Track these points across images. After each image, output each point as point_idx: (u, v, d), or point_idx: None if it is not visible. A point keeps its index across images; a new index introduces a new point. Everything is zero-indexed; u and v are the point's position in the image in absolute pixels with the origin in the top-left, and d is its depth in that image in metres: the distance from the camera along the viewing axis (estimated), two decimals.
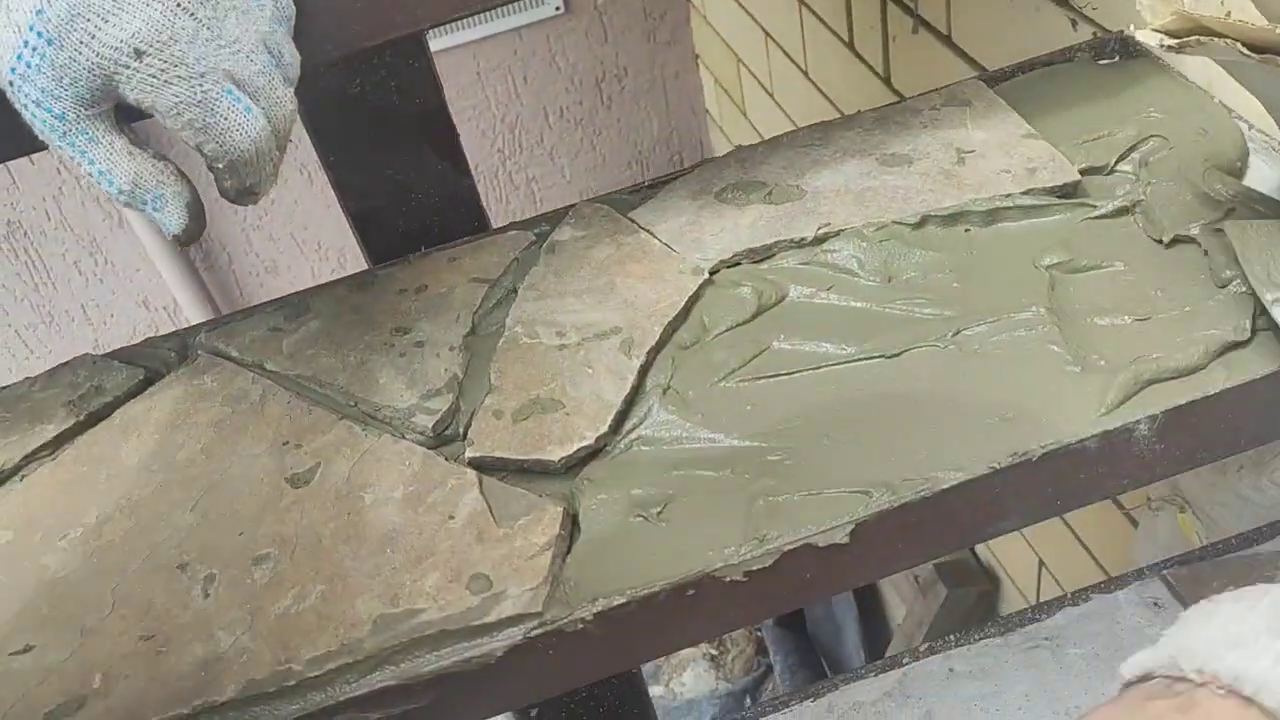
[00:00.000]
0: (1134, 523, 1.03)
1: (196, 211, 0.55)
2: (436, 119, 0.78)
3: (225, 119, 0.52)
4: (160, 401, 0.70)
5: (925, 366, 0.61)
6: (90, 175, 0.54)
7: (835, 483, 0.56)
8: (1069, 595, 0.78)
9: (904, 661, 0.77)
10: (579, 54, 2.19)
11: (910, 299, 0.65)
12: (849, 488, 0.56)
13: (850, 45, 1.36)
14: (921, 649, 0.77)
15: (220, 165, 0.53)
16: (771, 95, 1.80)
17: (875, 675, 0.77)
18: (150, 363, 0.74)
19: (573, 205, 0.77)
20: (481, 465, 0.61)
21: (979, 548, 1.51)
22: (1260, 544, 0.77)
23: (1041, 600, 0.82)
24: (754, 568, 0.54)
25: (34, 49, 0.48)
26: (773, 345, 0.65)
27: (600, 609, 0.54)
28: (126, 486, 0.65)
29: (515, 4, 2.07)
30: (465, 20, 2.06)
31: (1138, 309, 0.61)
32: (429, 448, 0.63)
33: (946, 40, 1.11)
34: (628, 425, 0.62)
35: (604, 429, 0.61)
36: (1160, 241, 0.65)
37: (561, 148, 2.30)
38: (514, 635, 0.53)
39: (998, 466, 0.55)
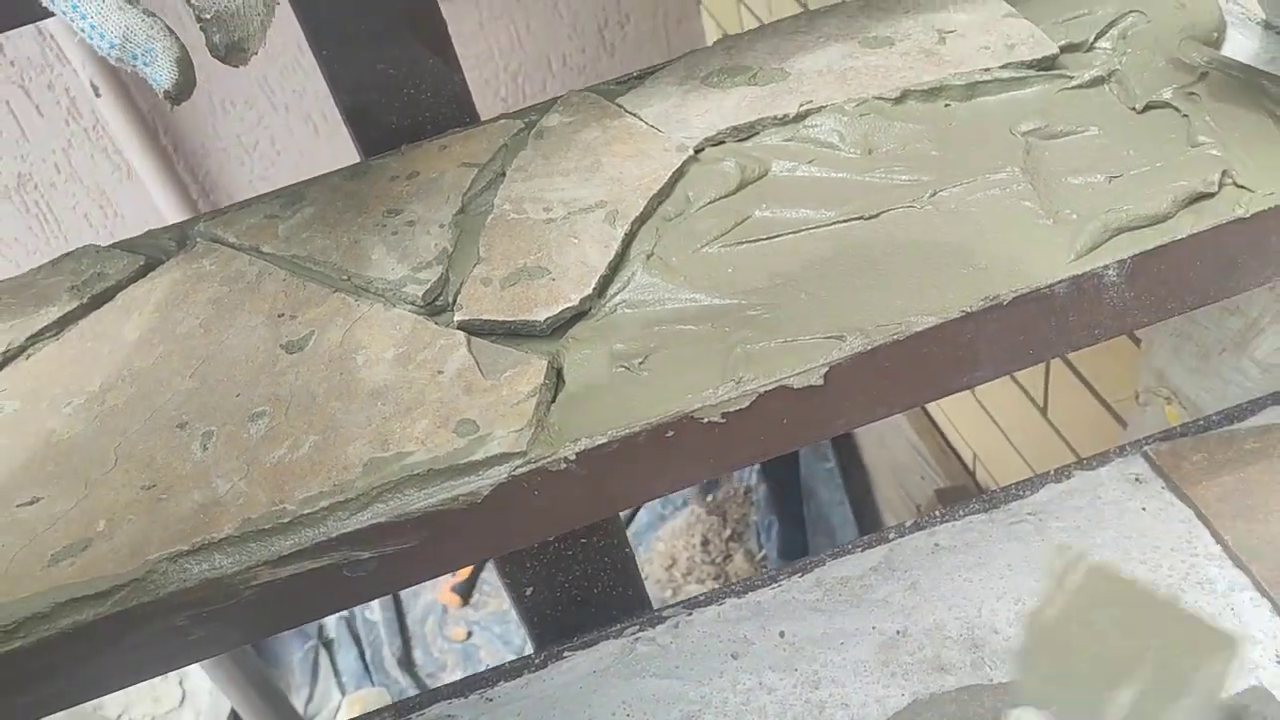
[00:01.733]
0: (1123, 424, 1.05)
1: (186, 67, 0.56)
2: (426, 14, 0.79)
3: None
4: (160, 284, 0.72)
5: (901, 226, 0.62)
6: (82, 31, 0.55)
7: (811, 331, 0.58)
8: (1052, 472, 0.79)
9: (890, 537, 0.79)
10: (581, 1, 2.20)
11: (889, 168, 0.66)
12: (824, 334, 0.57)
13: None
14: (907, 525, 0.79)
15: (208, 16, 0.55)
16: None
17: (862, 550, 0.78)
18: (151, 251, 0.76)
19: (561, 95, 0.79)
20: (470, 328, 0.63)
21: (978, 471, 1.52)
22: (1240, 420, 0.78)
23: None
24: (731, 409, 0.56)
25: None
26: (754, 214, 0.66)
27: (582, 448, 0.55)
28: (128, 358, 0.67)
29: None
30: None
31: (1110, 168, 0.62)
32: (420, 315, 0.65)
33: None
34: (612, 290, 0.64)
35: (588, 291, 0.63)
36: (1134, 108, 0.66)
37: None
38: (499, 474, 0.55)
39: (969, 310, 0.57)
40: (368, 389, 0.61)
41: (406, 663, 1.98)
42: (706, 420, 0.56)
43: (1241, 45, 0.69)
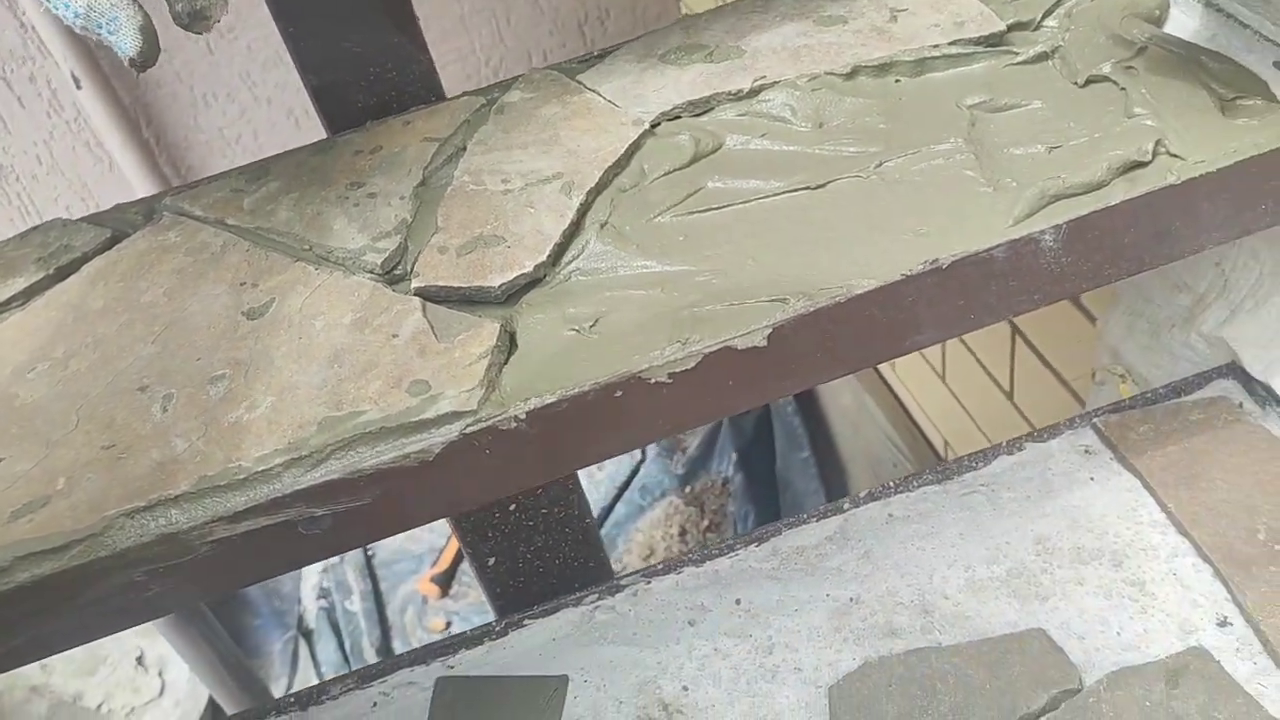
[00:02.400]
0: (1082, 403, 1.07)
1: (150, 36, 0.57)
2: None
3: None
4: (126, 255, 0.73)
5: (847, 195, 0.64)
6: (48, 1, 0.57)
7: (757, 295, 0.59)
8: (1004, 444, 0.81)
9: (845, 508, 0.80)
10: None
11: (838, 140, 0.68)
12: (768, 298, 0.59)
13: None
14: (862, 496, 0.81)
15: None
16: None
17: (818, 520, 0.80)
18: (118, 224, 0.77)
19: (523, 74, 0.80)
20: (426, 295, 0.64)
21: (949, 457, 1.54)
22: (1187, 394, 0.80)
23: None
24: (677, 369, 0.57)
25: None
26: (707, 185, 0.67)
27: (532, 407, 0.57)
28: (92, 326, 0.68)
29: None
30: None
31: (1050, 139, 0.64)
32: (378, 283, 0.66)
33: None
34: (566, 258, 0.65)
35: (543, 259, 0.64)
36: (1076, 83, 0.68)
37: None
38: (450, 432, 0.57)
39: (910, 273, 0.58)
40: (325, 353, 0.62)
41: (386, 653, 1.99)
42: (654, 380, 0.57)
43: (1183, 23, 0.71)
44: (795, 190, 0.65)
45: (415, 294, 0.64)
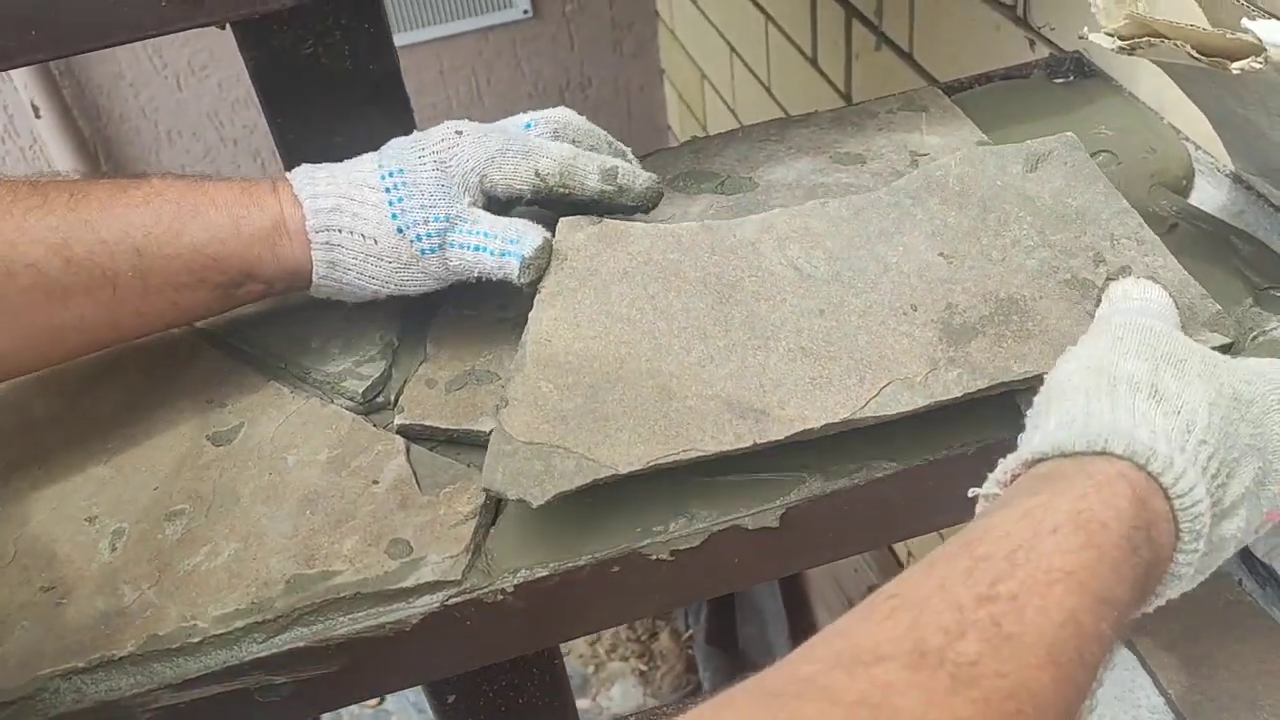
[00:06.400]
0: None
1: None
2: (390, 86, 0.77)
3: None
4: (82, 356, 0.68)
5: None
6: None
7: (769, 468, 0.55)
8: None
9: None
10: (544, 60, 2.19)
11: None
12: (783, 472, 0.55)
13: (813, 61, 1.37)
14: None
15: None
16: (733, 111, 1.81)
17: None
18: None
19: None
20: (410, 433, 0.60)
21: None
22: None
23: None
24: (681, 547, 0.53)
25: None
26: None
27: (521, 580, 0.52)
28: (39, 436, 0.62)
29: (483, 5, 2.06)
30: (431, 17, 2.05)
31: None
32: (358, 413, 0.62)
33: (908, 58, 1.12)
34: None
35: None
36: None
37: None
38: (431, 603, 0.52)
39: (931, 459, 0.55)
40: (297, 494, 0.57)
41: None
42: (655, 557, 0.53)
43: (1210, 195, 0.69)
44: None
45: (398, 432, 0.60)
